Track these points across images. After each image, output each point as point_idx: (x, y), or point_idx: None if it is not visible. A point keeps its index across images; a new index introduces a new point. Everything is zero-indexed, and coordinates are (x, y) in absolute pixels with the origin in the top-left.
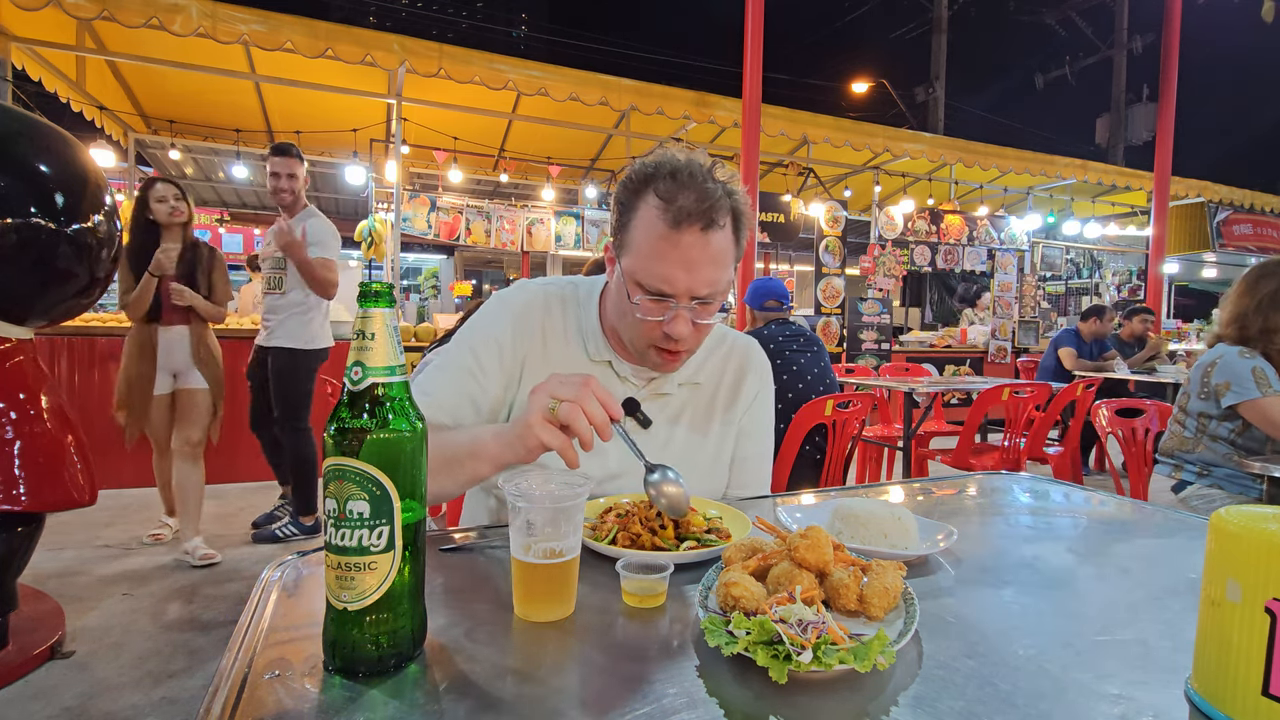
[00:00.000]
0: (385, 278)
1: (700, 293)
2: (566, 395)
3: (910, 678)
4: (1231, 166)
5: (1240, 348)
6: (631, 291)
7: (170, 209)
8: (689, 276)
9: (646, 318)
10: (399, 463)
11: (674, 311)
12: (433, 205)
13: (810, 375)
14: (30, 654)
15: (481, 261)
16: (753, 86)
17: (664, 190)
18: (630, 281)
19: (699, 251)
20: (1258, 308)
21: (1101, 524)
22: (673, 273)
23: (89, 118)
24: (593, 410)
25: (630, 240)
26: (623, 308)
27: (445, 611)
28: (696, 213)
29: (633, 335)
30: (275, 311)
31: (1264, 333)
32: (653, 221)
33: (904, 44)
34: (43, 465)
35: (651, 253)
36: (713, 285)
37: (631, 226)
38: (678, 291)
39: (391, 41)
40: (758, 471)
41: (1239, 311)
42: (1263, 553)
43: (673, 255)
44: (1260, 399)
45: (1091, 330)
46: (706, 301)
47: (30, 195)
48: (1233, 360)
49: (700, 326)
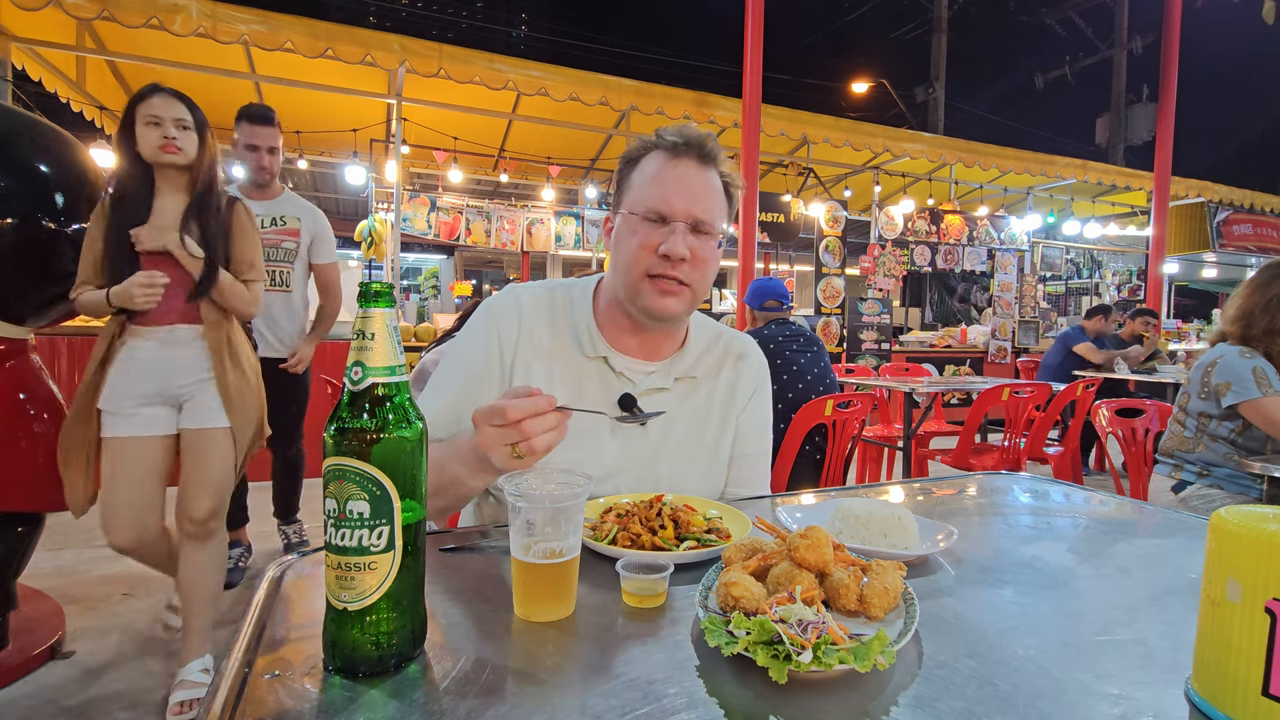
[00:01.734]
0: (385, 278)
1: (697, 214)
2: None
3: (910, 678)
4: (1231, 166)
5: (1241, 347)
6: (630, 226)
7: (162, 140)
8: (686, 197)
9: (646, 241)
10: (399, 463)
11: (671, 230)
12: (433, 205)
13: (810, 375)
14: (30, 654)
15: (481, 261)
16: (753, 86)
17: (663, 138)
18: (627, 216)
19: (696, 178)
20: (1265, 307)
21: (1101, 524)
22: (670, 193)
23: (89, 118)
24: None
25: (630, 186)
26: (620, 249)
27: (445, 611)
28: (693, 145)
29: (628, 271)
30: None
31: (1268, 333)
32: (653, 160)
33: (904, 44)
34: (43, 465)
35: (651, 181)
36: (708, 213)
37: (631, 177)
38: (675, 211)
39: (391, 41)
40: (756, 470)
41: (1246, 309)
42: (1263, 553)
43: (671, 178)
44: (1261, 399)
45: (1096, 329)
46: (702, 230)
47: (30, 195)
48: (1233, 360)
49: (697, 260)
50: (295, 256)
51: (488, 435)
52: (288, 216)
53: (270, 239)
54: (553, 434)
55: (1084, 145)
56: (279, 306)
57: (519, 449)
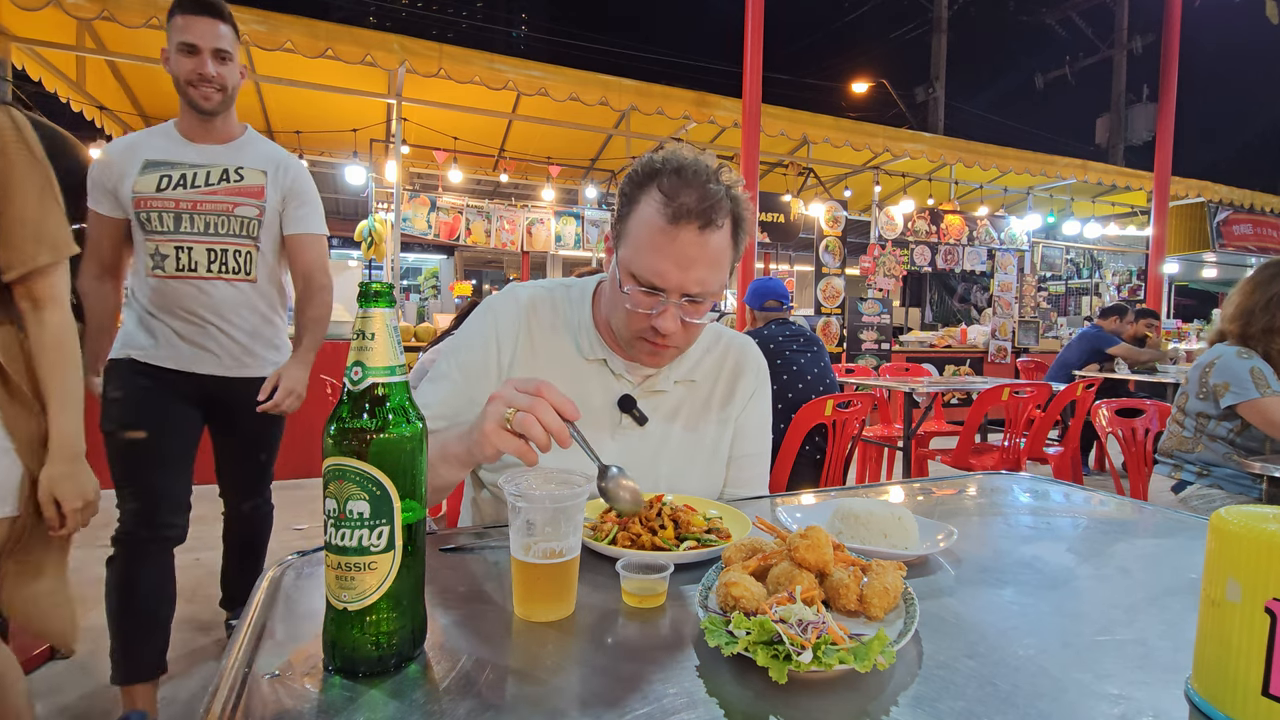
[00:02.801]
0: (385, 278)
1: (691, 290)
2: (521, 404)
3: (910, 678)
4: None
5: (1239, 348)
6: (624, 281)
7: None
8: (681, 273)
9: (636, 309)
10: (399, 463)
11: (663, 306)
12: (433, 205)
13: (810, 375)
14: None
15: (481, 261)
16: (753, 86)
17: (667, 186)
18: (624, 271)
19: (695, 250)
20: (1265, 306)
21: (1101, 524)
22: (666, 268)
23: (89, 118)
24: (548, 419)
25: (629, 231)
26: (615, 297)
27: (445, 611)
28: (696, 211)
29: (621, 325)
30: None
31: (1267, 332)
32: (652, 215)
33: (904, 44)
34: None
35: (647, 245)
36: (704, 285)
37: (632, 218)
38: (669, 287)
39: (391, 41)
40: (755, 470)
41: (1246, 307)
42: (1263, 553)
43: (668, 250)
44: (1260, 399)
45: (1112, 328)
46: (696, 300)
47: None
48: (1231, 361)
49: (689, 326)
50: (259, 228)
51: (505, 390)
52: (246, 169)
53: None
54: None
55: (1084, 145)
56: (232, 303)
57: (515, 416)
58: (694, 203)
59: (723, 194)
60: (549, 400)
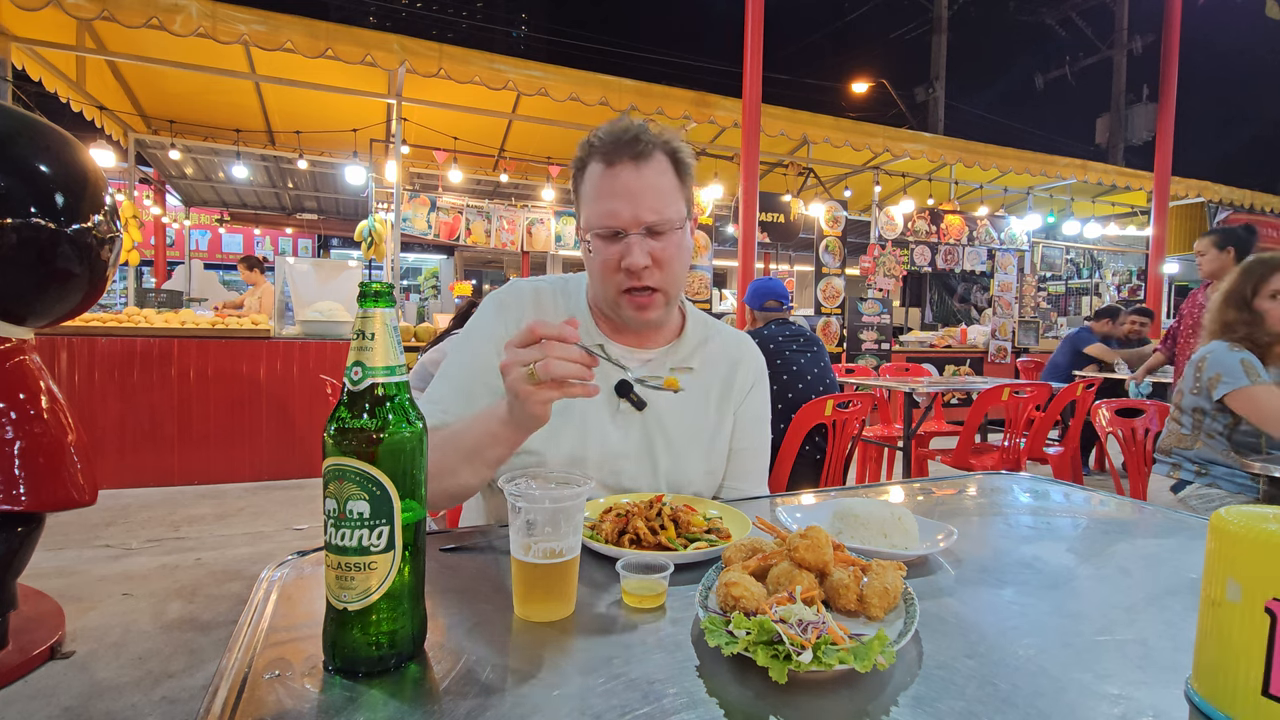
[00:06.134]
0: (385, 278)
1: (646, 219)
2: (533, 358)
3: (910, 678)
4: (1231, 166)
5: (1229, 342)
6: (591, 244)
7: None
8: (631, 205)
9: (606, 259)
10: (399, 462)
11: (627, 243)
12: (433, 205)
13: (810, 375)
14: (30, 654)
15: (481, 261)
16: (753, 86)
17: (597, 143)
18: (586, 234)
19: (635, 182)
20: (1221, 305)
21: (1101, 524)
22: (615, 205)
23: (89, 118)
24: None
25: (582, 200)
26: (589, 263)
27: (445, 611)
28: (625, 146)
29: (601, 288)
30: None
31: (1225, 327)
32: (593, 173)
33: (904, 44)
34: (43, 465)
35: (595, 195)
36: (658, 213)
37: (582, 190)
38: (624, 223)
39: (391, 41)
40: (755, 464)
41: (1213, 308)
42: (1263, 553)
43: (612, 189)
44: (1249, 387)
45: (1104, 330)
46: (658, 231)
47: (30, 195)
48: (1222, 354)
49: (660, 260)
50: None
51: (510, 355)
52: None
53: None
54: (572, 366)
55: (1084, 145)
56: None
57: (537, 370)
58: (623, 144)
59: (648, 132)
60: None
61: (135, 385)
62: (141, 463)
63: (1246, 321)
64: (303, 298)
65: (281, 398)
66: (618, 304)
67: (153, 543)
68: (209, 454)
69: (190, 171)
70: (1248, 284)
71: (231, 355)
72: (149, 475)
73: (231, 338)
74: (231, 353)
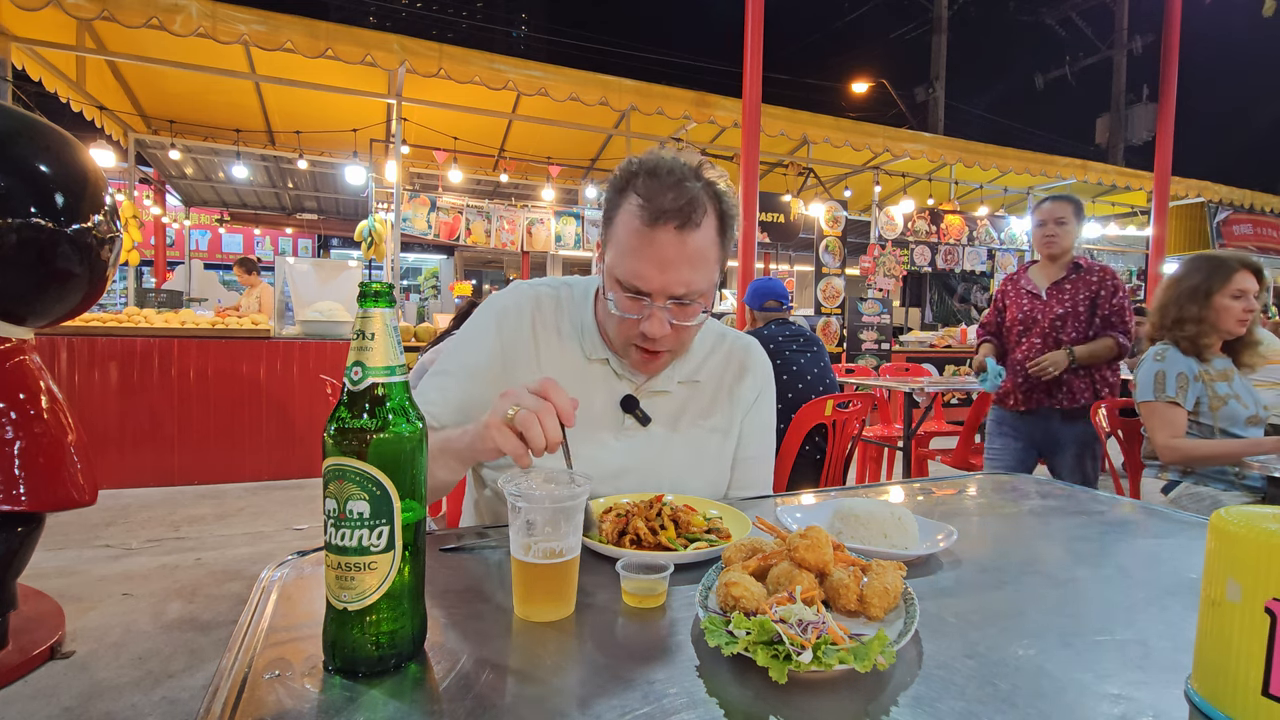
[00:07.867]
0: (385, 278)
1: (675, 292)
2: (527, 405)
3: (910, 678)
4: (1231, 166)
5: (1156, 348)
6: (610, 288)
7: None
8: (663, 275)
9: (624, 315)
10: (399, 462)
11: (649, 310)
12: (433, 205)
13: (810, 375)
14: (30, 654)
15: (481, 261)
16: (753, 86)
17: (643, 188)
18: (610, 278)
19: (674, 250)
20: (1175, 300)
21: (1101, 524)
22: (647, 270)
23: (89, 118)
24: (549, 424)
25: (612, 236)
26: (606, 309)
27: (445, 611)
28: (673, 210)
29: (614, 332)
30: None
31: (1176, 323)
32: (631, 219)
33: (904, 44)
34: (43, 465)
35: (628, 249)
36: (688, 286)
37: (614, 223)
38: (652, 290)
39: (391, 41)
40: (759, 472)
41: (1162, 303)
42: (1263, 553)
43: (647, 253)
44: (1153, 401)
45: None
46: (683, 303)
47: (30, 195)
48: (1147, 362)
49: (679, 328)
50: None
51: (516, 390)
52: None
53: None
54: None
55: (1084, 145)
56: None
57: (517, 417)
58: (669, 203)
59: (700, 190)
60: (554, 403)
61: (135, 385)
62: (141, 463)
63: (1196, 319)
64: (303, 298)
65: (281, 398)
66: (626, 353)
67: (153, 543)
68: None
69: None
70: (1214, 279)
71: (231, 355)
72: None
73: (231, 338)
74: (231, 353)
